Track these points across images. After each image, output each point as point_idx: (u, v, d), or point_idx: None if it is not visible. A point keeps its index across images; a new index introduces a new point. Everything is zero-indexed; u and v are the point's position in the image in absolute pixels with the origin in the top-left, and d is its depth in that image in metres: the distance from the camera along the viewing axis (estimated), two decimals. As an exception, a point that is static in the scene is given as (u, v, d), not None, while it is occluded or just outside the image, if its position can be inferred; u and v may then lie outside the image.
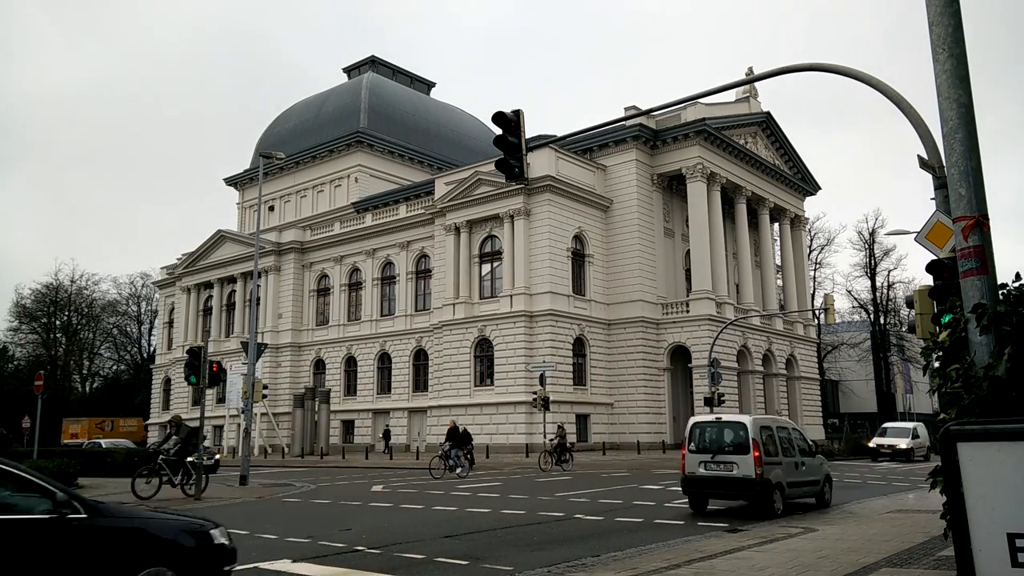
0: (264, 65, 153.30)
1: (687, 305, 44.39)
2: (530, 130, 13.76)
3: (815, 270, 65.70)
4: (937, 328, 6.66)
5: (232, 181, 71.41)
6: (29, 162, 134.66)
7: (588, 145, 46.02)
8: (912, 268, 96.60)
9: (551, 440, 30.41)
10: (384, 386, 49.67)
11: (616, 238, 45.23)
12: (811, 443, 16.34)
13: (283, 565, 9.50)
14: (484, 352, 42.74)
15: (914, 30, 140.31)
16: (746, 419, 14.53)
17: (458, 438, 27.90)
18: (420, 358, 48.01)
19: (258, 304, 50.71)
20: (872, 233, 65.11)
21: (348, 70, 75.38)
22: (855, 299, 68.73)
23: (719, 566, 8.75)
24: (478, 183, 43.66)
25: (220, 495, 20.25)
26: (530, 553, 10.27)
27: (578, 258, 43.85)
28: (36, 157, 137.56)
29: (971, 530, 3.80)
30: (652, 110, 15.77)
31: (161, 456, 19.33)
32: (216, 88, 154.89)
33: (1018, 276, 5.07)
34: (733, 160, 47.96)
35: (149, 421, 64.34)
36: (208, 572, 6.53)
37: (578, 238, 43.80)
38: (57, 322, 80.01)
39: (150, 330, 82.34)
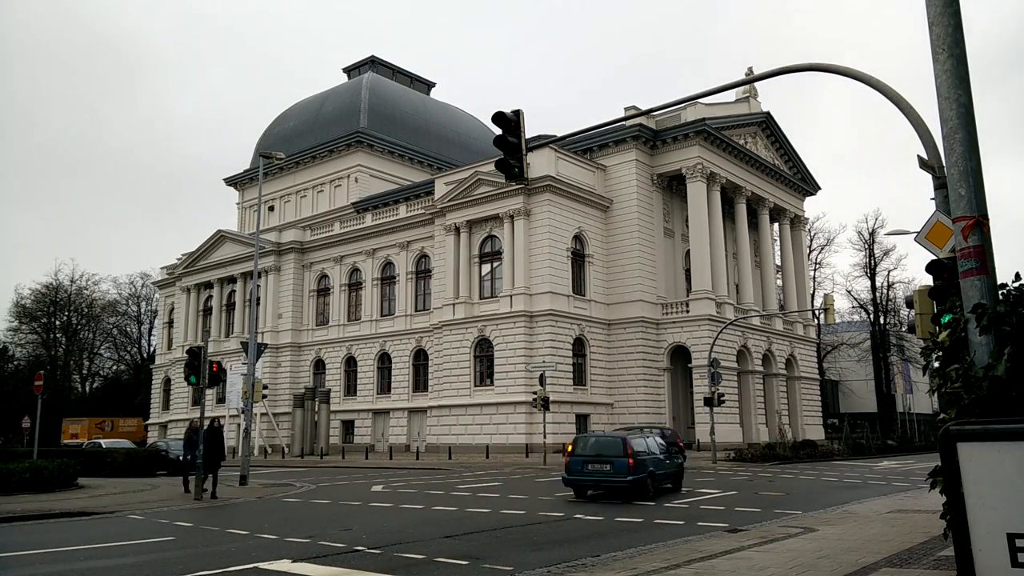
0: (264, 65, 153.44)
1: (687, 305, 44.38)
2: (530, 130, 13.77)
3: (815, 270, 65.70)
4: (937, 328, 6.66)
5: (232, 181, 71.41)
6: (28, 161, 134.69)
7: (588, 145, 46.01)
8: (912, 268, 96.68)
9: None
10: (384, 386, 49.65)
11: (616, 238, 45.23)
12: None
13: (283, 565, 9.50)
14: (484, 352, 42.73)
15: (914, 30, 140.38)
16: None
17: None
18: (420, 358, 48.00)
19: (258, 304, 50.72)
20: (872, 233, 65.15)
21: (348, 70, 75.39)
22: (855, 299, 68.76)
23: (719, 566, 8.74)
24: (478, 183, 43.65)
25: (220, 495, 20.20)
26: (530, 553, 10.27)
27: (578, 258, 43.84)
28: (35, 157, 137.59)
29: (971, 530, 3.80)
30: (652, 110, 15.77)
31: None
32: (216, 88, 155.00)
33: (1018, 276, 5.07)
34: (733, 160, 47.96)
35: (149, 421, 64.31)
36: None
37: (578, 238, 43.79)
38: (57, 322, 79.99)
39: (150, 330, 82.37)
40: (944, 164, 5.75)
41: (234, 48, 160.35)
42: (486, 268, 44.29)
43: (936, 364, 5.58)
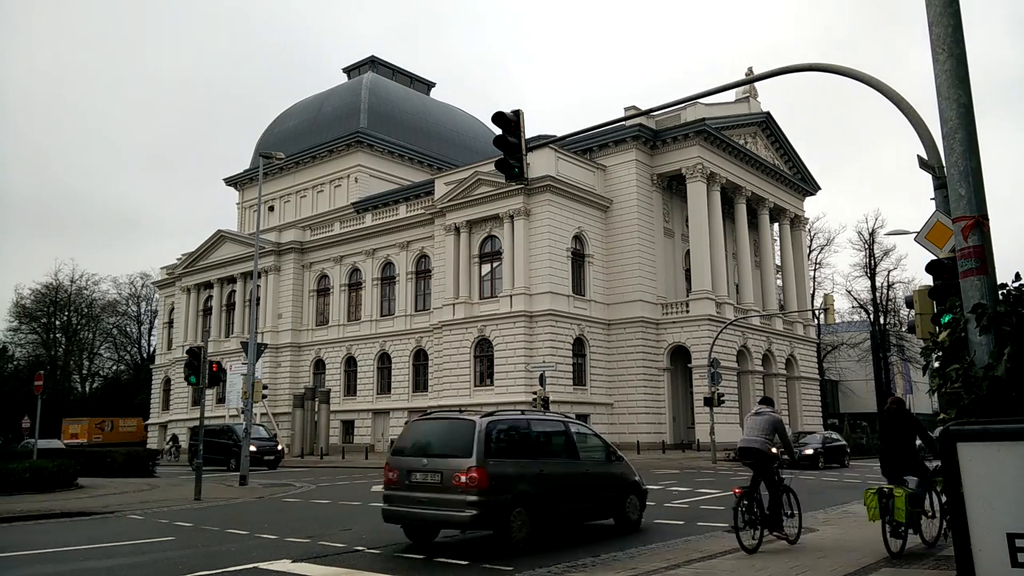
0: (264, 65, 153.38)
1: (687, 305, 44.38)
2: (530, 130, 13.77)
3: (815, 270, 65.66)
4: (937, 328, 6.66)
5: (232, 181, 71.39)
6: (28, 162, 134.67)
7: (588, 145, 46.01)
8: (912, 268, 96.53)
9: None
10: (384, 386, 49.64)
11: (616, 238, 45.22)
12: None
13: (283, 565, 9.50)
14: (484, 352, 42.72)
15: (914, 30, 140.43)
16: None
17: None
18: (420, 358, 47.98)
19: (258, 304, 50.70)
20: (872, 233, 65.08)
21: (348, 70, 75.36)
22: (855, 299, 68.68)
23: (719, 566, 8.75)
24: (478, 183, 43.65)
25: (220, 495, 20.22)
26: (530, 553, 10.27)
27: (578, 258, 43.83)
28: (35, 157, 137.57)
29: (971, 530, 3.80)
30: (652, 110, 15.77)
31: None
32: (216, 88, 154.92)
33: (1018, 276, 5.07)
34: (733, 160, 47.95)
35: (149, 421, 64.32)
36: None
37: (578, 238, 43.78)
38: (57, 322, 79.96)
39: (150, 330, 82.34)
40: (944, 164, 5.75)
41: (233, 48, 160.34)
42: (486, 268, 44.29)
43: (936, 364, 5.58)
